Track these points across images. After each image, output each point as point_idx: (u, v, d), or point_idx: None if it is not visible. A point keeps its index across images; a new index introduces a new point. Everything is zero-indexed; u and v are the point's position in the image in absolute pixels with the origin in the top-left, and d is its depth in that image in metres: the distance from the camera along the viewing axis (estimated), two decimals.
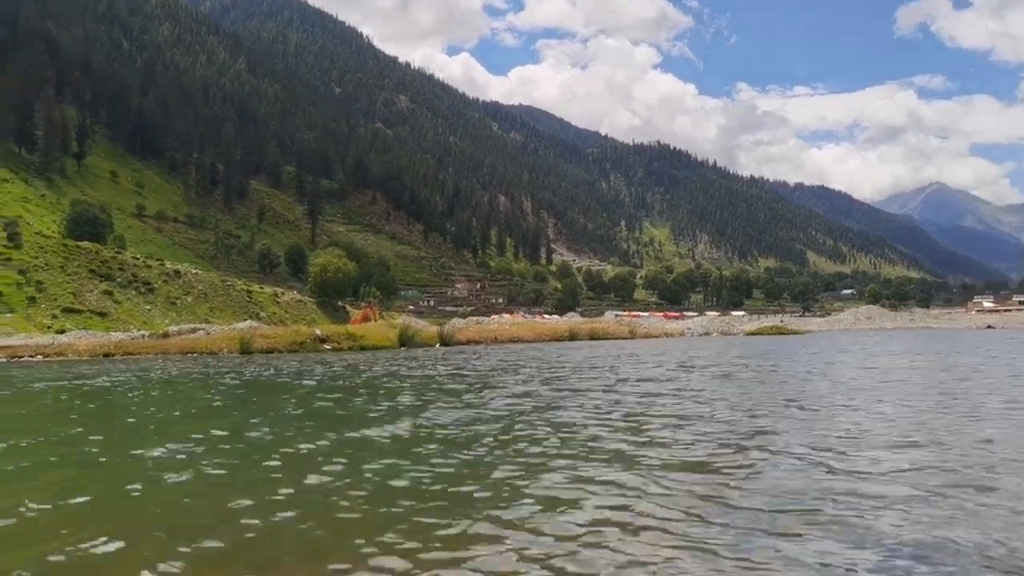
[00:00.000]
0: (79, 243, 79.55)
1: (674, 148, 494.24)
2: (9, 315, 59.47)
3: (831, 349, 38.01)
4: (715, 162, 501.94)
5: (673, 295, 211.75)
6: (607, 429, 10.29)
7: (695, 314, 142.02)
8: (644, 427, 10.46)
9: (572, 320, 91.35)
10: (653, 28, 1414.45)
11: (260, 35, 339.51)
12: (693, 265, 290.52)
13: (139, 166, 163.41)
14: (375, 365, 27.61)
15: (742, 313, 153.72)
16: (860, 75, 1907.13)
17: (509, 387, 17.22)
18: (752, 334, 72.53)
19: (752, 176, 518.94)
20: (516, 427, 10.75)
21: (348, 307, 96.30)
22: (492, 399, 14.61)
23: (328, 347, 42.06)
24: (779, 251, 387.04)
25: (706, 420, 11.09)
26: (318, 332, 45.16)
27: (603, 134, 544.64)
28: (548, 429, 10.36)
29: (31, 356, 39.18)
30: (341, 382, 20.31)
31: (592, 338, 60.25)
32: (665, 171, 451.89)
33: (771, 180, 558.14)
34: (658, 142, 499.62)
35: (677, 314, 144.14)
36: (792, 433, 9.77)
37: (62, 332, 53.80)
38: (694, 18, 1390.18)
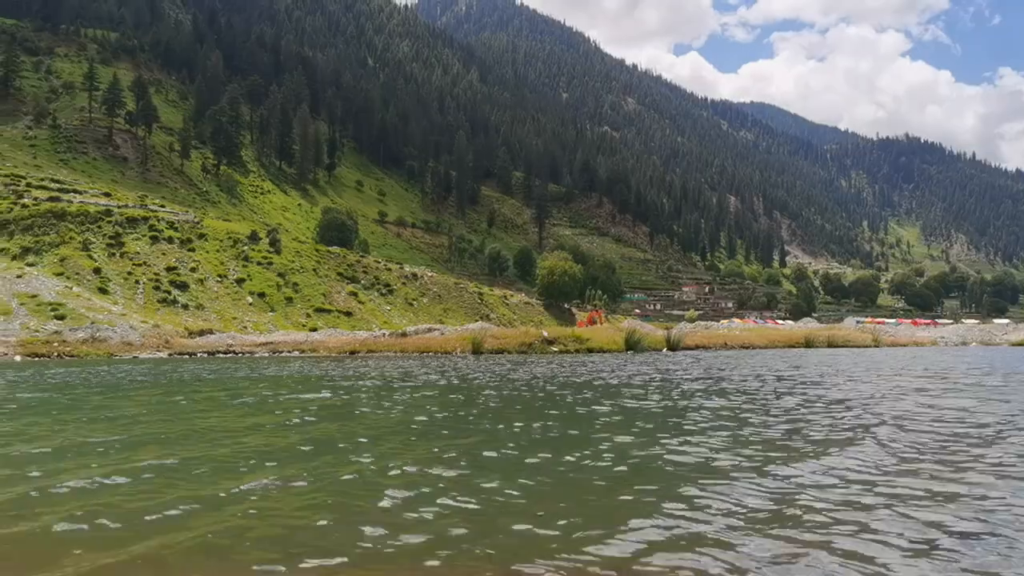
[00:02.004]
0: (329, 248, 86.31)
1: (925, 141, 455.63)
2: (271, 313, 65.51)
3: None
4: (973, 155, 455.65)
5: (923, 301, 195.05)
6: None
7: (949, 322, 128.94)
8: None
9: (808, 326, 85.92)
10: (902, 12, 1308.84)
11: (491, 45, 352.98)
12: (947, 268, 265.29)
13: (381, 175, 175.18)
14: (642, 367, 25.69)
15: (1006, 321, 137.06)
16: None
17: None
18: (1018, 345, 64.41)
19: (1018, 169, 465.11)
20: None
21: (574, 309, 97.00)
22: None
23: (555, 349, 42.13)
24: None
25: None
26: (545, 334, 45.41)
27: (843, 129, 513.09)
28: None
29: (289, 351, 42.53)
30: (651, 384, 17.63)
31: (830, 345, 56.00)
32: (914, 166, 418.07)
33: None
34: (906, 135, 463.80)
35: (929, 321, 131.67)
36: None
37: (314, 330, 58.38)
38: None
